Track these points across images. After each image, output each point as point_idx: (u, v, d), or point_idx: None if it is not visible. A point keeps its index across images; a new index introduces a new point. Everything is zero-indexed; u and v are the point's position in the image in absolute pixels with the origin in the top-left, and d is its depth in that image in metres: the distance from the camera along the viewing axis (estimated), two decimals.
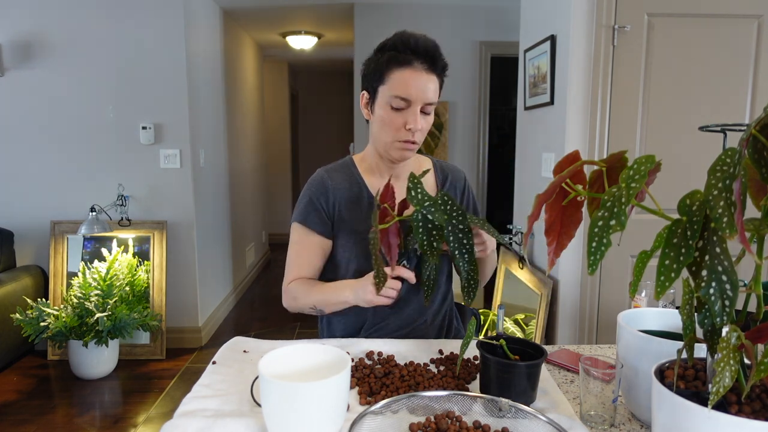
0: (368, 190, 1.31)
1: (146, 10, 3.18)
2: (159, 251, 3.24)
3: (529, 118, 2.78)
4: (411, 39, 1.17)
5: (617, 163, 0.71)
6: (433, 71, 1.18)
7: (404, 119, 1.18)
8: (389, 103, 1.18)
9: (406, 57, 1.16)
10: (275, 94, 6.81)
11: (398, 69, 1.17)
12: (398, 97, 1.17)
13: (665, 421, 0.66)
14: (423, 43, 1.18)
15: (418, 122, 1.18)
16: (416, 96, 1.16)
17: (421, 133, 1.21)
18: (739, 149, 0.59)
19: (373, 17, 4.11)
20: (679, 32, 2.19)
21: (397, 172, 1.32)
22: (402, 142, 1.21)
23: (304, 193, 1.32)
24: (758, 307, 0.64)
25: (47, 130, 3.23)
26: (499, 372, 0.91)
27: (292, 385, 0.75)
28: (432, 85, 1.18)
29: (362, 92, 1.27)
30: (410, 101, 1.17)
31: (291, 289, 1.29)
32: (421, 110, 1.19)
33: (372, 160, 1.33)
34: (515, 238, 2.82)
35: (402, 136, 1.20)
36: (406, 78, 1.16)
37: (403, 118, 1.18)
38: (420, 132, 1.20)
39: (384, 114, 1.20)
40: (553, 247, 0.74)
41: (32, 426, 2.43)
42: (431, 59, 1.18)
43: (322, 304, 1.24)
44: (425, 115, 1.20)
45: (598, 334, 2.38)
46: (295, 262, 1.31)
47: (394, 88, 1.17)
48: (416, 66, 1.16)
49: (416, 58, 1.16)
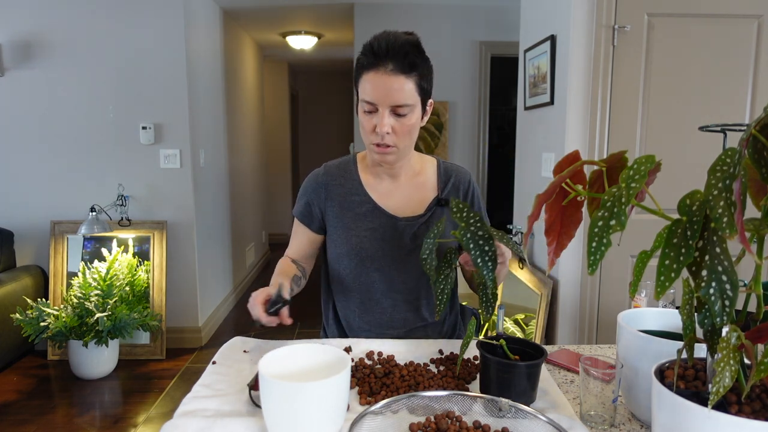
0: (363, 189, 1.31)
1: (146, 10, 3.18)
2: (159, 251, 3.24)
3: (529, 118, 2.78)
4: (376, 42, 1.15)
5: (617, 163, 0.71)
6: (401, 72, 1.14)
7: (374, 122, 1.18)
8: (362, 107, 1.19)
9: (369, 60, 1.15)
10: (275, 94, 6.81)
11: (365, 72, 1.16)
12: (364, 100, 1.17)
13: (665, 421, 0.66)
14: (388, 44, 1.14)
15: (383, 125, 1.16)
16: (380, 99, 1.15)
17: (396, 136, 1.18)
18: (739, 149, 0.59)
19: (373, 17, 4.10)
20: (679, 32, 2.19)
21: (395, 171, 1.31)
22: (375, 145, 1.20)
23: (301, 187, 1.38)
24: (758, 307, 0.64)
25: (47, 130, 3.23)
26: (499, 372, 0.91)
27: (292, 385, 0.75)
28: (399, 85, 1.14)
29: None
30: (375, 104, 1.16)
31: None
32: (395, 112, 1.16)
33: (369, 159, 1.33)
34: (515, 238, 2.82)
35: (373, 139, 1.19)
36: (370, 81, 1.15)
37: (373, 121, 1.18)
38: (392, 135, 1.18)
39: (360, 117, 1.21)
40: (553, 247, 0.74)
41: (32, 426, 2.43)
42: (397, 60, 1.14)
43: None
44: (399, 117, 1.17)
45: (598, 334, 2.38)
46: (290, 244, 1.41)
47: (362, 92, 1.18)
48: (380, 69, 1.14)
49: (380, 60, 1.14)
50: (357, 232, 1.28)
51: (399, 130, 1.18)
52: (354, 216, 1.30)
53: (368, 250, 1.27)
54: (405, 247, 1.29)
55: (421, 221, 1.30)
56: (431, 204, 1.32)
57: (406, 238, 1.29)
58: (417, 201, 1.32)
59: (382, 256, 1.28)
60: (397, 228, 1.28)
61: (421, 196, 1.32)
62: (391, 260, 1.28)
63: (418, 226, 1.29)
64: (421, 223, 1.30)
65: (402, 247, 1.28)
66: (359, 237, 1.28)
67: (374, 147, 1.21)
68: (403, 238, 1.28)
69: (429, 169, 1.36)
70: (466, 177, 1.37)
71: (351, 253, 1.28)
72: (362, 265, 1.28)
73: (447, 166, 1.38)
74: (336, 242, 1.31)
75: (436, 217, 1.31)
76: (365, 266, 1.28)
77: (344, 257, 1.30)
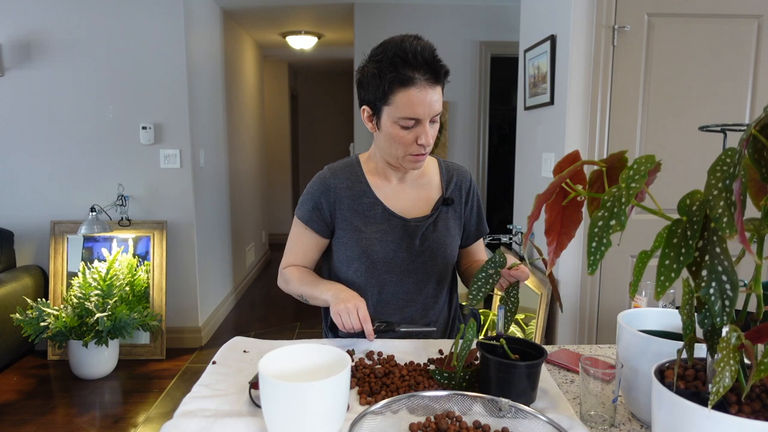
0: (372, 191, 1.31)
1: (146, 10, 3.18)
2: (159, 251, 3.24)
3: (529, 118, 2.77)
4: (410, 53, 1.13)
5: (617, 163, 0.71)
6: (437, 82, 1.16)
7: (415, 135, 1.18)
8: (397, 123, 1.17)
9: (407, 75, 1.12)
10: (275, 94, 6.81)
11: (402, 89, 1.13)
12: (406, 117, 1.15)
13: (665, 421, 0.66)
14: (422, 54, 1.13)
15: (429, 137, 1.18)
16: (424, 113, 1.15)
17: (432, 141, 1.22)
18: (739, 149, 0.59)
19: (373, 17, 4.10)
20: (679, 32, 2.19)
21: (403, 175, 1.33)
22: (414, 155, 1.21)
23: (306, 190, 1.34)
24: (758, 307, 0.64)
25: (47, 130, 3.23)
26: (499, 372, 0.91)
27: (292, 385, 0.75)
28: (437, 96, 1.16)
29: (363, 107, 1.24)
30: (420, 120, 1.16)
31: (286, 273, 1.35)
32: (432, 120, 1.19)
33: (379, 163, 1.32)
34: (515, 238, 2.82)
35: (414, 150, 1.20)
36: (412, 98, 1.13)
37: (414, 134, 1.18)
38: None
39: (393, 131, 1.18)
40: (553, 247, 0.74)
41: (32, 426, 2.43)
42: (433, 71, 1.14)
43: (308, 296, 1.29)
44: (433, 124, 1.20)
45: (598, 334, 2.38)
46: (291, 250, 1.36)
47: (400, 110, 1.15)
48: (419, 83, 1.13)
49: (418, 73, 1.13)
50: (367, 235, 1.28)
51: (433, 136, 1.20)
52: (364, 218, 1.29)
53: (379, 252, 1.27)
54: (414, 249, 1.29)
55: (429, 221, 1.31)
56: (437, 204, 1.33)
57: (415, 239, 1.29)
58: (424, 201, 1.33)
59: (393, 258, 1.28)
60: (407, 230, 1.29)
61: (427, 196, 1.34)
62: (402, 261, 1.29)
63: (426, 227, 1.30)
64: (429, 223, 1.31)
65: (412, 249, 1.29)
66: (370, 239, 1.28)
67: (411, 157, 1.22)
68: (413, 240, 1.29)
69: (432, 169, 1.37)
70: (468, 176, 1.40)
71: (362, 255, 1.28)
72: (373, 267, 1.28)
73: (448, 165, 1.39)
74: (346, 245, 1.30)
75: (442, 216, 1.32)
76: (376, 268, 1.28)
77: (354, 260, 1.29)
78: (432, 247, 1.30)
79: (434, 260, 1.31)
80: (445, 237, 1.32)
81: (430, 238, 1.30)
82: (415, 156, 1.21)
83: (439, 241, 1.31)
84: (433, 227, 1.31)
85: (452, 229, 1.34)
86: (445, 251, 1.32)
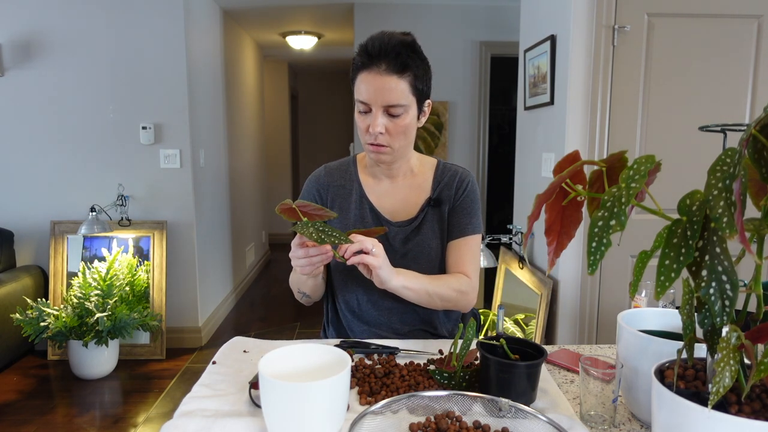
0: (362, 190, 1.32)
1: (146, 10, 3.18)
2: (159, 251, 3.24)
3: (529, 118, 2.78)
4: (370, 42, 1.17)
5: (617, 163, 0.71)
6: (394, 72, 1.15)
7: (367, 122, 1.20)
8: (357, 107, 1.21)
9: (363, 60, 1.17)
10: (275, 94, 6.81)
11: (359, 73, 1.18)
12: (359, 100, 1.19)
13: (665, 421, 0.66)
14: (382, 44, 1.15)
15: (376, 125, 1.17)
16: (373, 99, 1.16)
17: (390, 137, 1.19)
18: (739, 149, 0.59)
19: (373, 17, 4.10)
20: (679, 32, 2.19)
21: (393, 173, 1.32)
22: (370, 144, 1.22)
23: (303, 189, 1.38)
24: (758, 307, 0.64)
25: (47, 130, 3.23)
26: (499, 372, 0.91)
27: (292, 385, 0.75)
28: (391, 85, 1.15)
29: None
30: (369, 104, 1.17)
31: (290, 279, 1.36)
32: (388, 113, 1.18)
33: (367, 160, 1.34)
34: (515, 238, 2.82)
35: (368, 138, 1.21)
36: (364, 81, 1.17)
37: (367, 121, 1.20)
38: (386, 135, 1.19)
39: (356, 117, 1.23)
40: (553, 247, 0.74)
41: (32, 426, 2.43)
42: (390, 60, 1.14)
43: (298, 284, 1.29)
44: (392, 117, 1.18)
45: (598, 334, 2.38)
46: None
47: (357, 92, 1.19)
48: (373, 69, 1.15)
49: (373, 60, 1.15)
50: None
51: (393, 131, 1.19)
52: (352, 217, 1.30)
53: None
54: (397, 252, 1.29)
55: (413, 225, 1.30)
56: (423, 205, 1.31)
57: (396, 243, 1.29)
58: (412, 203, 1.32)
59: None
60: (388, 233, 1.29)
61: (415, 197, 1.32)
62: None
63: (410, 231, 1.30)
64: (413, 227, 1.30)
65: (394, 252, 1.28)
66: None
67: (369, 147, 1.23)
68: (394, 244, 1.29)
69: (427, 171, 1.35)
70: (465, 176, 1.34)
71: None
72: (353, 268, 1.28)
73: (445, 167, 1.36)
74: None
75: (429, 218, 1.31)
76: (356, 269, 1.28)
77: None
78: (414, 250, 1.29)
79: (417, 263, 1.28)
80: (430, 240, 1.30)
81: (413, 240, 1.29)
82: (371, 146, 1.22)
83: (423, 244, 1.29)
84: (417, 230, 1.30)
85: (439, 231, 1.31)
86: (430, 254, 1.30)
